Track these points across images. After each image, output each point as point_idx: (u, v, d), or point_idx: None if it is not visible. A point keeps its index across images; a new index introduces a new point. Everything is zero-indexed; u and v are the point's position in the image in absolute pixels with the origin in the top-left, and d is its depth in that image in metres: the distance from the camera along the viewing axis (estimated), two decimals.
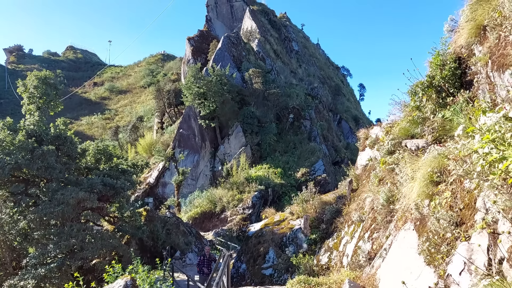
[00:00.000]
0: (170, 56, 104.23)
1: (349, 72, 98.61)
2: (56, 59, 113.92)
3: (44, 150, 15.04)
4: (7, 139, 15.64)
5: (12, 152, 15.25)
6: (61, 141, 16.63)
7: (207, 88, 37.76)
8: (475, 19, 6.65)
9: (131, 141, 52.77)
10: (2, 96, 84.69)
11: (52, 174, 15.10)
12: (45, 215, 13.83)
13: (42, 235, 13.87)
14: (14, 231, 14.22)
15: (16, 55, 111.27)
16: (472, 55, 6.91)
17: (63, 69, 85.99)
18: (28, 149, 15.17)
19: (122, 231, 16.91)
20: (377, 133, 11.12)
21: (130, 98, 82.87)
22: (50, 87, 17.72)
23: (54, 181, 15.24)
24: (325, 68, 76.72)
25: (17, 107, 61.26)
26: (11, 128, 16.50)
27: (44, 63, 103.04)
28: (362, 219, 9.71)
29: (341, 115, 61.91)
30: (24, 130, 16.21)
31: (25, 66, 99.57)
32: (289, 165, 36.74)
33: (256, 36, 54.25)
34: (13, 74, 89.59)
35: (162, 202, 36.80)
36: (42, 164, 14.84)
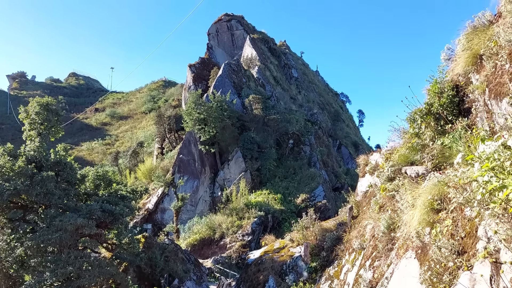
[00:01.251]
0: (172, 83, 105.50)
1: (348, 99, 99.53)
2: (58, 86, 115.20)
3: (43, 176, 15.00)
4: (7, 165, 15.63)
5: (12, 178, 15.20)
6: (61, 167, 16.60)
7: (208, 114, 38.04)
8: (472, 48, 6.78)
9: (131, 167, 52.67)
10: (3, 122, 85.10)
11: (51, 200, 15.00)
12: (42, 242, 13.65)
13: (38, 262, 13.65)
14: (10, 258, 14.00)
15: (19, 81, 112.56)
16: (469, 83, 7.00)
17: (65, 95, 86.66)
18: (28, 175, 15.13)
19: (120, 258, 16.65)
20: (377, 160, 11.12)
21: (131, 124, 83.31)
22: (51, 113, 17.85)
23: (52, 207, 15.13)
24: (324, 94, 77.49)
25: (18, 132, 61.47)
26: (11, 154, 16.50)
27: (46, 89, 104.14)
28: (363, 246, 9.59)
29: (341, 140, 62.07)
30: (24, 156, 16.21)
31: (28, 92, 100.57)
32: (289, 190, 36.56)
33: (256, 63, 55.08)
34: (15, 100, 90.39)
35: (161, 228, 36.38)
36: (41, 190, 14.76)
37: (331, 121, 66.20)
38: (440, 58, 8.20)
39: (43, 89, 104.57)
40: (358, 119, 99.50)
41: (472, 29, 7.00)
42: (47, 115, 17.61)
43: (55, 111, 18.18)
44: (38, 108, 17.56)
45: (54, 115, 18.10)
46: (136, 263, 17.11)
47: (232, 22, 65.45)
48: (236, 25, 65.30)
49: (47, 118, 17.63)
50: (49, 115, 17.70)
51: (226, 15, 66.33)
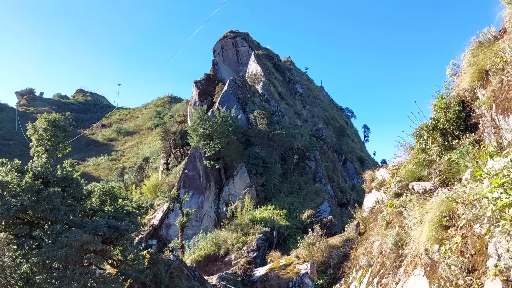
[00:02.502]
0: (177, 99, 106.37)
1: (353, 114, 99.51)
2: (66, 102, 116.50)
3: (50, 192, 15.06)
4: (14, 181, 15.71)
5: (19, 194, 15.27)
6: (67, 183, 16.66)
7: (213, 129, 38.20)
8: (477, 64, 6.81)
9: (136, 182, 52.74)
10: (11, 138, 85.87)
11: (57, 216, 15.02)
12: (48, 258, 13.61)
13: (44, 279, 13.58)
14: (16, 275, 13.94)
15: (27, 98, 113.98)
16: (475, 99, 7.01)
17: (72, 111, 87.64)
18: (35, 190, 15.19)
19: (125, 274, 16.53)
20: (383, 175, 11.08)
21: (137, 139, 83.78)
22: (59, 129, 18.02)
23: (58, 223, 15.14)
24: (329, 110, 77.63)
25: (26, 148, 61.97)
26: (18, 169, 16.61)
27: (54, 105, 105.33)
28: (371, 263, 9.49)
29: (346, 155, 61.88)
30: (31, 171, 16.31)
31: (36, 109, 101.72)
32: (294, 206, 36.34)
33: (261, 79, 55.48)
34: (24, 116, 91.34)
35: (166, 244, 36.20)
36: (47, 206, 14.80)
37: (336, 136, 66.14)
38: (446, 74, 8.23)
39: (50, 105, 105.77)
40: (363, 134, 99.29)
41: (477, 45, 7.04)
42: (54, 131, 17.78)
43: (62, 127, 18.35)
44: (45, 124, 17.74)
45: (61, 131, 18.26)
46: (141, 280, 16.98)
47: (237, 39, 66.20)
48: (241, 42, 66.03)
49: (54, 134, 17.80)
50: (56, 131, 17.87)
51: (231, 32, 67.16)
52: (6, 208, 14.60)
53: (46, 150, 17.65)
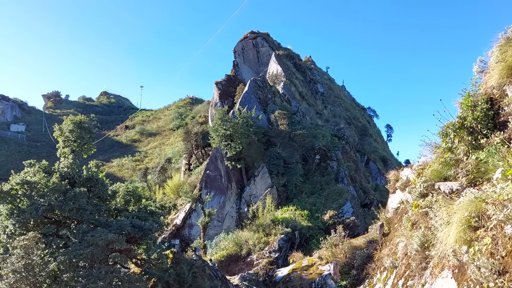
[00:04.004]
0: (198, 100, 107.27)
1: (375, 113, 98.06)
2: (90, 104, 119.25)
3: (76, 192, 15.45)
4: (41, 181, 16.20)
5: (46, 194, 15.72)
6: (92, 183, 17.07)
7: (234, 130, 38.35)
8: (506, 60, 6.60)
9: (159, 182, 53.43)
10: (39, 139, 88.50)
11: (83, 215, 15.39)
12: (74, 257, 13.95)
13: (71, 277, 13.92)
14: (44, 273, 14.34)
15: (54, 100, 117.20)
16: (504, 96, 6.80)
17: (97, 113, 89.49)
18: (61, 191, 15.62)
19: (149, 273, 16.79)
20: (408, 175, 10.87)
21: (159, 140, 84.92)
22: (84, 131, 18.47)
23: (84, 223, 15.51)
24: (351, 109, 76.74)
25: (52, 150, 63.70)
26: (46, 170, 17.11)
27: (79, 107, 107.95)
28: (395, 265, 9.32)
29: (369, 155, 61.01)
30: (58, 172, 16.77)
31: (62, 111, 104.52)
32: (316, 207, 36.07)
33: (282, 79, 55.34)
34: (50, 119, 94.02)
35: (188, 244, 36.52)
36: (74, 206, 15.19)
37: (358, 136, 65.32)
38: (473, 71, 8.01)
39: (76, 107, 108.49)
40: (386, 133, 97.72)
41: (505, 41, 6.83)
42: (80, 132, 18.22)
43: (87, 129, 18.79)
44: (71, 126, 18.21)
45: (86, 132, 18.70)
46: (165, 279, 17.20)
47: (258, 40, 66.27)
48: (261, 42, 66.06)
49: (80, 136, 18.24)
50: (82, 132, 18.31)
51: (251, 32, 67.28)
52: (35, 208, 15.05)
53: (72, 151, 18.11)
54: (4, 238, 15.90)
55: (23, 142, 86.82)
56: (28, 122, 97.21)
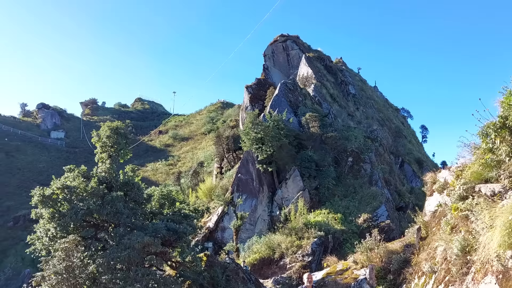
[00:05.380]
0: (229, 104, 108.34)
1: (409, 114, 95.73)
2: (125, 110, 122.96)
3: (113, 196, 15.95)
4: (81, 186, 16.83)
5: (85, 198, 16.32)
6: (129, 187, 17.56)
7: (265, 133, 38.40)
8: None
9: (192, 186, 54.26)
10: (77, 145, 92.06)
11: (120, 219, 15.85)
12: (112, 259, 14.37)
13: (109, 279, 14.35)
14: (84, 275, 14.85)
15: (91, 107, 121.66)
16: None
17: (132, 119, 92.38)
18: (99, 195, 16.16)
19: (184, 276, 17.04)
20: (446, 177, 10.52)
21: (192, 145, 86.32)
22: (121, 137, 19.06)
23: (121, 226, 15.96)
24: (384, 110, 75.20)
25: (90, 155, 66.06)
26: (84, 175, 17.76)
27: (115, 114, 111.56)
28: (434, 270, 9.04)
29: (403, 157, 59.52)
30: (96, 177, 17.37)
31: (98, 118, 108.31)
32: (349, 210, 35.49)
33: (312, 81, 54.98)
34: (88, 125, 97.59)
35: (221, 247, 36.79)
36: (111, 210, 15.67)
37: (392, 137, 63.86)
38: None
39: (112, 114, 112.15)
40: (421, 135, 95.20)
41: None
42: (116, 138, 18.81)
43: (124, 135, 19.38)
44: (108, 132, 18.83)
45: (123, 138, 19.29)
46: (199, 282, 17.40)
47: (288, 43, 66.19)
48: (291, 45, 65.95)
49: (116, 141, 18.83)
50: (118, 138, 18.90)
51: (281, 36, 67.30)
52: (74, 211, 15.64)
53: (109, 156, 18.71)
54: (46, 241, 16.60)
55: (63, 148, 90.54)
56: (67, 129, 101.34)
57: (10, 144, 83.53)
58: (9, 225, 59.76)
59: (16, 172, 75.47)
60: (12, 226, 59.50)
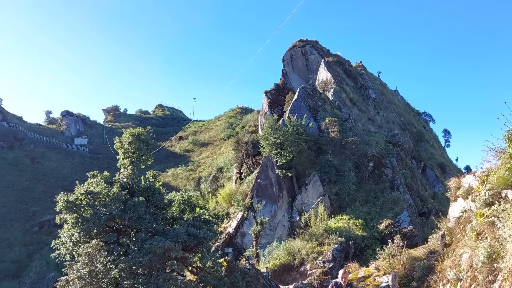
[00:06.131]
0: (248, 109, 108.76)
1: (431, 118, 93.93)
2: (146, 117, 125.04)
3: (135, 201, 16.20)
4: (103, 192, 17.15)
5: (108, 203, 16.63)
6: (150, 193, 17.81)
7: (284, 138, 38.32)
8: None
9: (212, 191, 54.54)
10: (100, 152, 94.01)
11: (141, 224, 16.07)
12: (134, 264, 14.56)
13: (131, 284, 14.53)
14: (106, 279, 15.08)
15: (113, 114, 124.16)
16: None
17: (152, 125, 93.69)
18: (122, 200, 16.44)
19: (204, 281, 17.11)
20: (470, 182, 10.28)
21: (211, 150, 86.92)
22: (142, 143, 19.35)
23: (143, 231, 16.18)
24: (405, 114, 74.11)
25: (112, 161, 67.33)
26: (107, 181, 18.10)
27: (136, 120, 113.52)
28: (459, 277, 8.81)
29: (425, 162, 58.38)
30: (118, 182, 17.68)
31: (120, 124, 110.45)
32: (370, 216, 34.98)
33: (332, 86, 54.67)
34: (110, 132, 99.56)
35: (241, 252, 36.80)
36: (133, 215, 15.91)
37: (413, 142, 62.79)
38: None
39: (133, 120, 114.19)
40: (443, 139, 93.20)
41: None
42: (138, 144, 19.11)
43: (145, 141, 19.68)
44: (130, 138, 19.15)
45: (144, 144, 19.58)
46: (219, 287, 17.44)
47: (306, 47, 66.10)
48: (310, 50, 65.82)
49: (138, 147, 19.13)
50: (140, 144, 19.19)
51: (300, 41, 67.28)
52: (98, 217, 15.94)
53: (131, 162, 19.01)
54: (70, 246, 16.96)
55: (86, 154, 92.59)
56: (90, 135, 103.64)
57: (36, 150, 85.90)
58: (34, 230, 61.34)
59: (42, 178, 77.54)
60: (37, 231, 61.07)
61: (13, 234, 60.17)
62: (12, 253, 56.13)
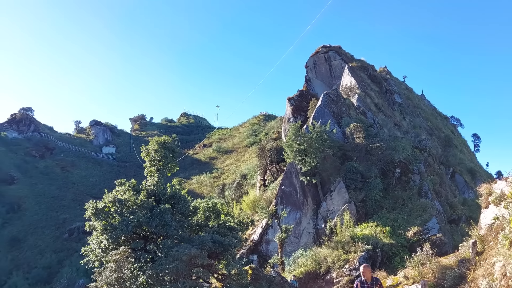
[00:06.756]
0: (271, 116, 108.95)
1: (459, 122, 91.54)
2: (171, 125, 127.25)
3: (161, 209, 16.47)
4: (131, 199, 17.52)
5: (135, 211, 16.96)
6: (176, 200, 18.07)
7: (308, 144, 38.13)
8: None
9: (236, 198, 54.70)
10: (127, 160, 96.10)
11: (167, 231, 16.30)
12: (161, 271, 14.76)
13: None
14: (134, 286, 15.34)
15: (139, 123, 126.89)
16: None
17: (177, 133, 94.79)
18: (148, 207, 16.74)
19: None
20: (503, 188, 9.95)
21: (235, 157, 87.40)
22: (168, 151, 19.71)
23: (169, 238, 16.40)
24: (432, 119, 72.49)
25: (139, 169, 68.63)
26: (134, 188, 18.49)
27: (162, 129, 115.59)
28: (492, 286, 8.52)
29: (454, 168, 56.77)
30: (145, 190, 18.03)
31: (146, 133, 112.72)
32: (398, 223, 34.24)
33: (356, 91, 54.11)
34: (136, 140, 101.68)
35: (266, 260, 36.67)
36: (159, 222, 16.17)
37: (441, 147, 61.27)
38: None
39: (159, 129, 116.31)
40: (473, 144, 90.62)
41: None
42: (164, 152, 19.47)
43: (171, 149, 20.02)
44: (157, 146, 19.54)
45: (170, 152, 19.92)
46: None
47: (330, 53, 65.76)
48: (333, 56, 65.44)
49: (164, 155, 19.49)
50: (166, 152, 19.55)
51: (323, 47, 67.01)
52: (125, 224, 16.27)
53: (157, 170, 19.36)
54: (99, 253, 17.36)
55: (114, 163, 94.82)
56: (117, 144, 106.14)
57: (66, 159, 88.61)
58: (64, 237, 63.09)
59: (71, 186, 79.84)
60: (67, 238, 62.79)
61: (44, 241, 62.09)
62: (44, 259, 57.90)
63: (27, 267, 56.30)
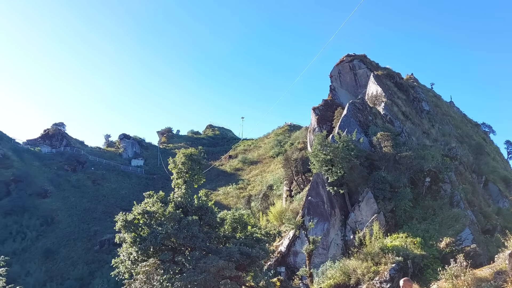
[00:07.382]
0: (296, 126, 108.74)
1: (491, 129, 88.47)
2: (197, 137, 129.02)
3: (189, 220, 16.66)
4: (159, 211, 17.82)
5: (163, 222, 17.23)
6: (203, 211, 18.26)
7: (334, 154, 37.72)
8: None
9: (262, 209, 54.55)
10: (155, 172, 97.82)
11: (195, 242, 16.45)
12: (189, 282, 14.88)
13: None
14: None
15: (167, 136, 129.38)
16: None
17: (203, 145, 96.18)
18: (176, 219, 16.97)
19: None
20: None
21: (260, 168, 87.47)
22: (195, 163, 20.00)
23: (197, 250, 16.54)
24: (462, 126, 70.49)
25: (167, 181, 69.76)
26: (162, 200, 18.81)
27: (188, 141, 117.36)
28: None
29: (487, 176, 54.78)
30: (173, 202, 18.30)
31: (173, 145, 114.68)
32: (429, 234, 33.27)
33: (382, 100, 53.34)
34: (164, 153, 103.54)
35: (294, 272, 36.27)
36: (187, 234, 16.35)
37: (473, 155, 59.32)
38: None
39: (185, 141, 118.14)
40: (506, 151, 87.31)
41: None
42: (191, 164, 19.78)
43: (197, 161, 20.32)
44: (184, 159, 19.88)
45: (196, 164, 20.22)
46: None
47: (355, 62, 65.30)
48: (358, 64, 64.93)
49: (191, 167, 19.79)
50: (192, 164, 19.86)
51: (347, 56, 66.65)
52: (154, 236, 16.55)
53: (184, 181, 19.66)
54: (129, 264, 17.68)
55: (142, 175, 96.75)
56: (145, 156, 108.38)
57: (96, 173, 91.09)
58: (95, 249, 64.53)
59: (102, 198, 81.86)
60: (98, 250, 64.18)
61: (76, 253, 63.71)
62: (76, 271, 59.34)
63: (61, 278, 57.83)
